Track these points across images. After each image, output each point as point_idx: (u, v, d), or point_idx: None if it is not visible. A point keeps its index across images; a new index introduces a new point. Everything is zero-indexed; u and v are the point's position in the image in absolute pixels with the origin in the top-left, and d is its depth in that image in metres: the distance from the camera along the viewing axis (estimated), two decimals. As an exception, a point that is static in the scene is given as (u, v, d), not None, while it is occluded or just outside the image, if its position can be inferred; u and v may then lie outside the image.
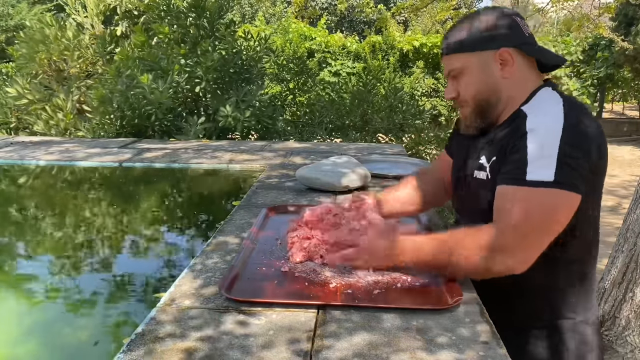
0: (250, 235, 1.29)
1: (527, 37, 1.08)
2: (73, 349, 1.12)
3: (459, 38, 1.10)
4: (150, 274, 1.54)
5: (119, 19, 5.29)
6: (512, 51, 1.07)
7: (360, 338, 0.86)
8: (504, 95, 1.09)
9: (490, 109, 1.11)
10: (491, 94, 1.09)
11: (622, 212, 2.50)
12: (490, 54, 1.07)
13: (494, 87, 1.09)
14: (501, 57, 1.07)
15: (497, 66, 1.08)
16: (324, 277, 1.06)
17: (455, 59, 1.11)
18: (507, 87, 1.09)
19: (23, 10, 14.34)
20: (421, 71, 11.35)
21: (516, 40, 1.07)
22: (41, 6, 14.23)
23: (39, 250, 1.78)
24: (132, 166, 2.58)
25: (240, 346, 0.84)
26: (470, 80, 1.10)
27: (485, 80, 1.09)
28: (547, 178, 0.95)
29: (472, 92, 1.11)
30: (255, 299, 0.98)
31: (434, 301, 0.98)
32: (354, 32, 16.46)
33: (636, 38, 10.58)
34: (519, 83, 1.09)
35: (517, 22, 1.08)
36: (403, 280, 1.05)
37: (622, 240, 2.21)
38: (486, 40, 1.07)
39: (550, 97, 1.07)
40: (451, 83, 1.14)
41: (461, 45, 1.10)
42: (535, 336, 1.12)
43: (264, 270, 1.11)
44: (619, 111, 15.39)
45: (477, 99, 1.11)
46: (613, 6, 6.43)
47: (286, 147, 3.03)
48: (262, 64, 4.65)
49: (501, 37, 1.07)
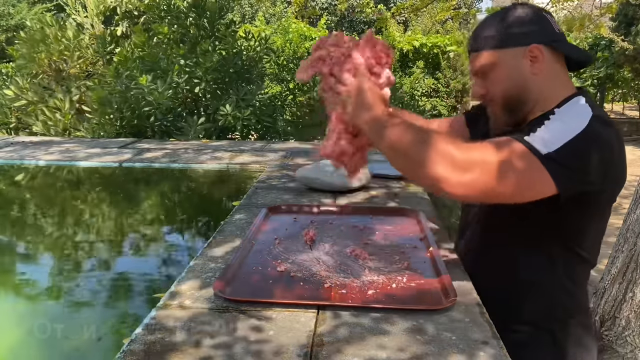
0: (249, 235, 1.30)
1: (557, 33, 1.06)
2: (73, 348, 1.12)
3: (488, 34, 1.07)
4: (150, 274, 1.54)
5: (119, 19, 5.29)
6: (542, 47, 1.04)
7: (360, 338, 0.86)
8: (534, 92, 1.07)
9: (519, 106, 1.08)
10: (521, 91, 1.07)
11: (622, 212, 2.50)
12: (520, 50, 1.05)
13: (524, 83, 1.06)
14: (531, 54, 1.04)
15: (527, 62, 1.05)
16: (319, 277, 1.06)
17: (484, 56, 1.08)
18: (537, 83, 1.06)
19: (23, 10, 14.34)
20: (421, 71, 11.34)
21: (546, 37, 1.05)
22: (41, 6, 14.23)
23: (39, 250, 1.78)
24: (132, 166, 2.58)
25: (240, 346, 0.84)
26: (499, 77, 1.08)
27: (515, 77, 1.06)
28: (540, 149, 0.93)
29: (501, 88, 1.08)
30: (249, 298, 0.98)
31: (429, 302, 0.97)
32: (354, 32, 16.45)
33: (636, 38, 10.58)
34: (549, 80, 1.06)
35: (547, 19, 1.06)
36: (398, 280, 1.05)
37: (622, 240, 2.21)
38: (516, 37, 1.05)
39: (582, 105, 1.03)
40: (479, 80, 1.11)
41: (490, 42, 1.07)
42: (535, 336, 1.13)
43: (260, 269, 1.11)
44: (619, 111, 15.39)
45: (506, 96, 1.08)
46: (614, 6, 6.43)
47: (286, 147, 3.02)
48: (262, 64, 4.65)
49: (531, 33, 1.04)
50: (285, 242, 1.27)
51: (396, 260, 1.15)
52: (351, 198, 1.76)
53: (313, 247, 1.25)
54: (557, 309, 1.12)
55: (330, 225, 1.41)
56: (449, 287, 1.00)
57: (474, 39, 1.10)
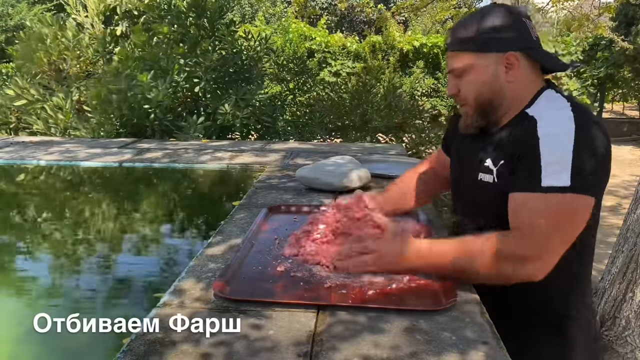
0: (249, 235, 1.30)
1: (534, 40, 1.07)
2: (73, 348, 1.12)
3: (466, 36, 1.08)
4: (150, 274, 1.54)
5: (119, 19, 5.28)
6: (518, 55, 1.05)
7: (360, 338, 0.86)
8: (507, 97, 1.08)
9: (491, 111, 1.10)
10: (494, 96, 1.08)
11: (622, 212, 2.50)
12: (496, 56, 1.06)
13: (498, 89, 1.07)
14: (507, 61, 1.05)
15: (503, 69, 1.06)
16: (319, 277, 1.06)
17: (460, 57, 1.09)
18: (511, 89, 1.07)
19: (23, 10, 14.33)
20: (421, 71, 11.35)
21: (523, 44, 1.06)
22: (41, 6, 14.22)
23: (39, 250, 1.78)
24: (133, 166, 2.58)
25: (239, 346, 0.84)
26: (473, 80, 1.09)
27: (489, 82, 1.07)
28: (563, 183, 0.94)
29: (474, 92, 1.09)
30: (248, 298, 0.98)
31: (428, 302, 0.97)
32: (354, 32, 16.45)
33: (636, 38, 10.58)
34: (522, 86, 1.08)
35: (526, 25, 1.07)
36: (398, 280, 1.04)
37: (622, 240, 2.21)
38: (494, 42, 1.05)
39: (555, 99, 1.06)
40: (454, 80, 1.12)
41: (467, 44, 1.07)
42: (535, 336, 1.13)
43: (260, 269, 1.11)
44: (619, 111, 15.39)
45: (479, 99, 1.09)
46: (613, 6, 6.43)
47: (286, 147, 3.03)
48: (262, 64, 4.65)
49: (509, 40, 1.05)
50: (285, 242, 1.27)
51: None
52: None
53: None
54: (559, 307, 1.12)
55: None
56: (448, 287, 1.00)
57: (452, 38, 1.11)
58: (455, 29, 1.11)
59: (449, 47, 1.12)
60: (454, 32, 1.11)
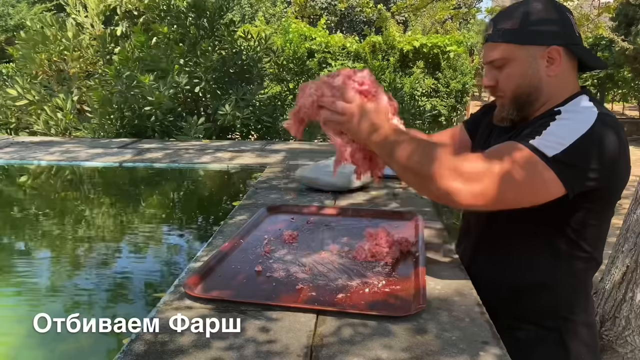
0: (239, 233, 1.29)
1: (577, 36, 1.05)
2: (73, 348, 1.12)
3: (509, 27, 1.04)
4: (150, 274, 1.54)
5: (119, 19, 5.29)
6: (561, 50, 1.03)
7: (359, 339, 0.86)
8: (545, 92, 1.06)
9: (528, 105, 1.07)
10: (532, 90, 1.06)
11: (622, 212, 2.50)
12: (539, 49, 1.03)
13: (537, 83, 1.05)
14: (550, 55, 1.03)
15: (544, 63, 1.03)
16: (294, 279, 1.06)
17: (501, 48, 1.05)
18: (550, 85, 1.05)
19: (23, 10, 14.34)
20: (421, 71, 11.34)
21: (567, 39, 1.03)
22: (41, 6, 14.23)
23: (39, 250, 1.79)
24: (133, 166, 2.58)
25: (239, 346, 0.84)
26: (513, 73, 1.06)
27: (529, 76, 1.05)
28: (546, 152, 0.93)
29: (513, 85, 1.07)
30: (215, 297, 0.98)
31: (397, 308, 0.95)
32: (354, 32, 16.46)
33: (636, 38, 10.58)
34: (560, 82, 1.06)
35: (570, 20, 1.04)
36: (373, 285, 1.03)
37: (622, 240, 2.21)
38: (537, 35, 1.03)
39: (586, 105, 1.03)
40: (492, 71, 1.09)
41: (510, 36, 1.04)
42: (535, 336, 1.13)
43: (239, 268, 1.11)
44: (619, 111, 15.39)
45: (517, 92, 1.07)
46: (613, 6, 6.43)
47: (287, 147, 3.03)
48: (262, 64, 4.65)
49: (553, 33, 1.03)
50: (274, 242, 1.27)
51: (381, 265, 1.14)
52: (351, 198, 1.76)
53: (298, 248, 1.24)
54: (561, 309, 1.12)
55: (325, 227, 1.40)
56: (422, 293, 0.98)
57: (493, 28, 1.07)
58: (497, 19, 1.07)
59: (490, 37, 1.07)
60: (495, 23, 1.07)
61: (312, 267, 1.12)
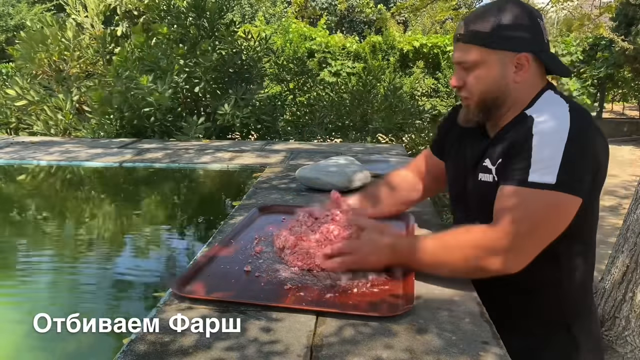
0: (230, 234, 1.29)
1: (545, 43, 1.06)
2: (73, 348, 1.12)
3: (481, 29, 1.05)
4: (150, 274, 1.54)
5: (119, 19, 5.29)
6: (530, 56, 1.04)
7: (359, 339, 0.86)
8: (511, 97, 1.07)
9: (494, 108, 1.09)
10: (499, 94, 1.07)
11: (622, 212, 2.50)
12: (509, 55, 1.04)
13: (504, 88, 1.07)
14: (518, 61, 1.04)
15: (512, 68, 1.05)
16: (282, 279, 1.06)
17: (471, 50, 1.06)
18: (516, 90, 1.07)
19: (23, 10, 14.35)
20: (421, 71, 11.35)
21: (536, 46, 1.05)
22: (41, 6, 14.23)
23: (39, 250, 1.78)
24: (133, 166, 2.58)
25: (239, 346, 0.84)
26: (481, 76, 1.07)
27: (497, 80, 1.06)
28: (549, 180, 0.95)
29: (480, 88, 1.08)
30: (204, 296, 0.98)
31: (384, 308, 0.95)
32: (354, 32, 16.46)
33: (636, 38, 10.58)
34: (527, 87, 1.07)
35: (541, 26, 1.06)
36: (361, 285, 1.03)
37: (622, 240, 2.21)
38: (508, 41, 1.04)
39: (554, 101, 1.06)
40: (460, 72, 1.10)
41: (482, 39, 1.05)
42: (535, 337, 1.13)
43: (227, 268, 1.11)
44: (619, 111, 15.39)
45: (484, 96, 1.08)
46: (613, 6, 6.43)
47: (286, 147, 3.03)
48: (261, 64, 4.65)
49: (524, 40, 1.04)
50: (264, 242, 1.27)
51: None
52: (351, 199, 1.75)
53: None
54: (557, 308, 1.12)
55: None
56: (409, 294, 0.98)
57: (465, 30, 1.07)
58: (470, 20, 1.07)
59: (461, 38, 1.08)
60: (468, 24, 1.07)
61: (302, 267, 1.11)
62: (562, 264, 1.09)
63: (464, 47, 1.08)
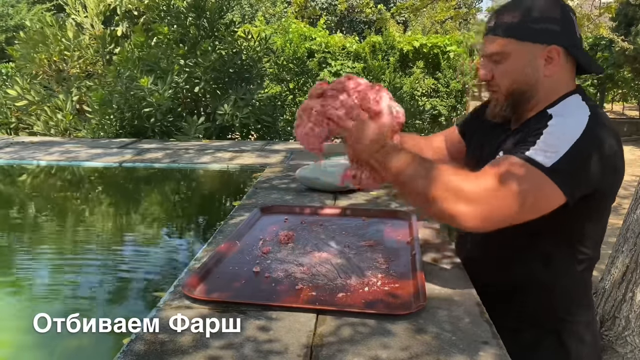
0: (234, 235, 1.29)
1: (577, 38, 1.04)
2: (73, 348, 1.12)
3: (511, 21, 1.02)
4: (150, 274, 1.54)
5: (119, 19, 5.29)
6: (560, 50, 1.02)
7: (359, 338, 0.86)
8: (540, 91, 1.05)
9: (522, 102, 1.07)
10: (528, 88, 1.05)
11: (622, 212, 2.50)
12: (539, 47, 1.02)
13: (534, 82, 1.04)
14: (549, 54, 1.02)
15: (542, 62, 1.02)
16: (293, 279, 1.06)
17: (500, 42, 1.04)
18: (546, 84, 1.04)
19: (23, 10, 14.35)
20: (421, 71, 11.33)
21: (567, 40, 1.02)
22: (41, 6, 14.23)
23: (39, 250, 1.78)
24: (133, 166, 2.58)
25: (239, 346, 0.84)
26: (511, 69, 1.04)
27: (526, 73, 1.04)
28: (545, 162, 0.92)
29: (509, 81, 1.06)
30: (215, 298, 0.98)
31: (397, 306, 0.95)
32: (354, 33, 16.45)
33: (636, 38, 10.57)
34: (556, 83, 1.05)
35: (573, 20, 1.03)
36: (372, 283, 1.04)
37: (622, 240, 2.21)
38: (539, 33, 1.01)
39: (578, 105, 1.03)
40: (489, 64, 1.08)
41: (511, 31, 1.02)
42: (535, 337, 1.13)
43: (236, 270, 1.11)
44: (619, 111, 15.38)
45: (512, 89, 1.06)
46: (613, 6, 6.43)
47: (286, 147, 3.03)
48: (261, 64, 4.65)
49: (555, 33, 1.01)
50: (270, 242, 1.27)
51: (378, 264, 1.14)
52: (351, 199, 1.76)
53: (295, 248, 1.24)
54: (561, 309, 1.12)
55: (320, 226, 1.40)
56: (421, 292, 0.98)
57: (495, 21, 1.05)
58: (500, 12, 1.05)
59: (490, 30, 1.06)
60: (498, 16, 1.05)
61: (311, 267, 1.12)
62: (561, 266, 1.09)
63: (493, 39, 1.05)
